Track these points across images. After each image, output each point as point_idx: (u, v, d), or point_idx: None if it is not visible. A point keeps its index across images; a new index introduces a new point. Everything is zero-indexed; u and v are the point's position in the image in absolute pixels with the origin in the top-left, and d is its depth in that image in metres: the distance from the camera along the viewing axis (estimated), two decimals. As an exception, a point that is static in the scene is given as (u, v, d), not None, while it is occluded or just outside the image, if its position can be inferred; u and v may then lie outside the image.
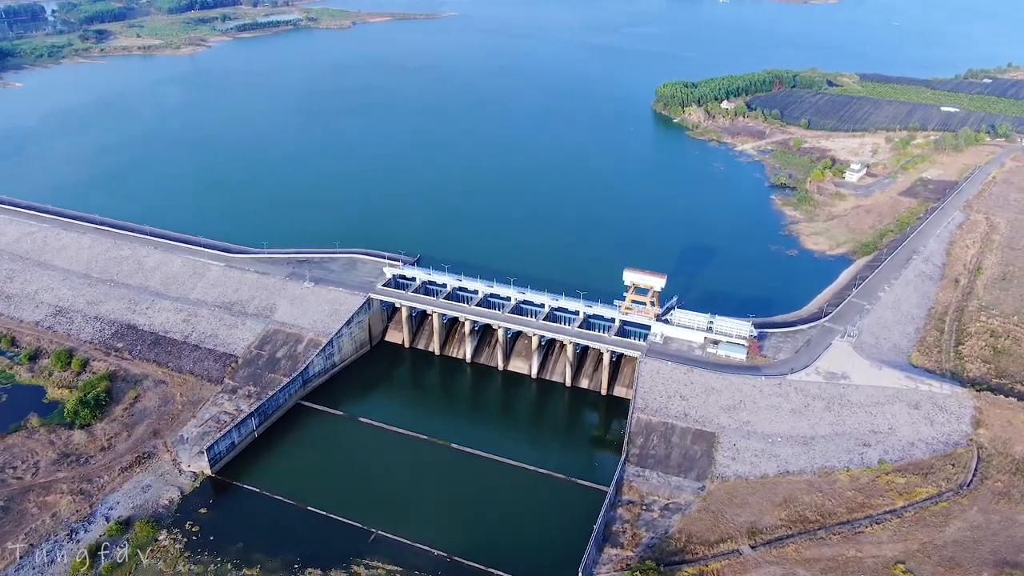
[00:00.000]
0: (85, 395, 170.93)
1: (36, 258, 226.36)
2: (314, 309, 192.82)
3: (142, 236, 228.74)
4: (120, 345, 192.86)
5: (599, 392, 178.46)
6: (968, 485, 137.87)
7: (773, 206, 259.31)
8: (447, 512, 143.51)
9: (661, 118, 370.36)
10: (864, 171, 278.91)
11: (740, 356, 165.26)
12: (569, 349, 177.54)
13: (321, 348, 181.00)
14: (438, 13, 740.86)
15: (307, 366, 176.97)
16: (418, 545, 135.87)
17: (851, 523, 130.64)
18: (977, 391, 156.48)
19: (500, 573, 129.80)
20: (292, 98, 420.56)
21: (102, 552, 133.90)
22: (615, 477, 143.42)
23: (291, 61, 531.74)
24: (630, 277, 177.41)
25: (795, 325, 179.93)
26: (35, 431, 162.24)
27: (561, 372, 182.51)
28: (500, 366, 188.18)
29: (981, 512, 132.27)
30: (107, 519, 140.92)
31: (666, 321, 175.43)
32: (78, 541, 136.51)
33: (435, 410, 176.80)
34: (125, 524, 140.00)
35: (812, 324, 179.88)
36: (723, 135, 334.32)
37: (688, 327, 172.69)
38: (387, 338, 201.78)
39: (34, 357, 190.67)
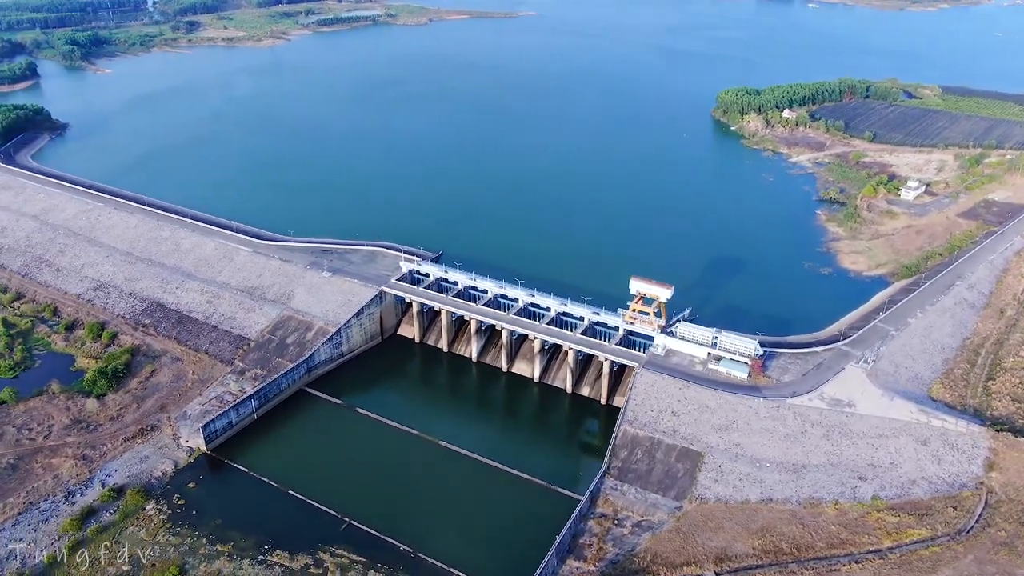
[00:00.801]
0: (106, 366, 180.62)
1: (87, 234, 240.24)
2: (328, 298, 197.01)
3: (182, 219, 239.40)
4: (147, 321, 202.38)
5: (599, 401, 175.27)
6: (968, 531, 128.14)
7: (816, 221, 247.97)
8: (420, 508, 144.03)
9: (719, 125, 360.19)
10: (922, 189, 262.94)
11: (741, 375, 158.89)
12: (571, 355, 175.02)
13: (328, 337, 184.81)
14: (516, 12, 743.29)
15: (312, 353, 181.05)
16: (386, 538, 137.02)
17: (828, 559, 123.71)
18: (997, 431, 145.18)
19: (459, 573, 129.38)
20: (351, 89, 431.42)
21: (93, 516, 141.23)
22: (590, 489, 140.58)
23: (360, 55, 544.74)
24: (636, 286, 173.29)
25: (809, 347, 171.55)
26: (55, 397, 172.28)
27: (563, 378, 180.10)
28: (504, 368, 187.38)
29: (976, 562, 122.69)
30: (103, 485, 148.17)
31: (670, 333, 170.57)
32: (73, 503, 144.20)
33: (431, 406, 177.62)
34: (118, 491, 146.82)
35: (828, 346, 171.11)
36: (779, 145, 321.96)
37: (692, 341, 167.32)
38: (399, 332, 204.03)
39: (71, 327, 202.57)
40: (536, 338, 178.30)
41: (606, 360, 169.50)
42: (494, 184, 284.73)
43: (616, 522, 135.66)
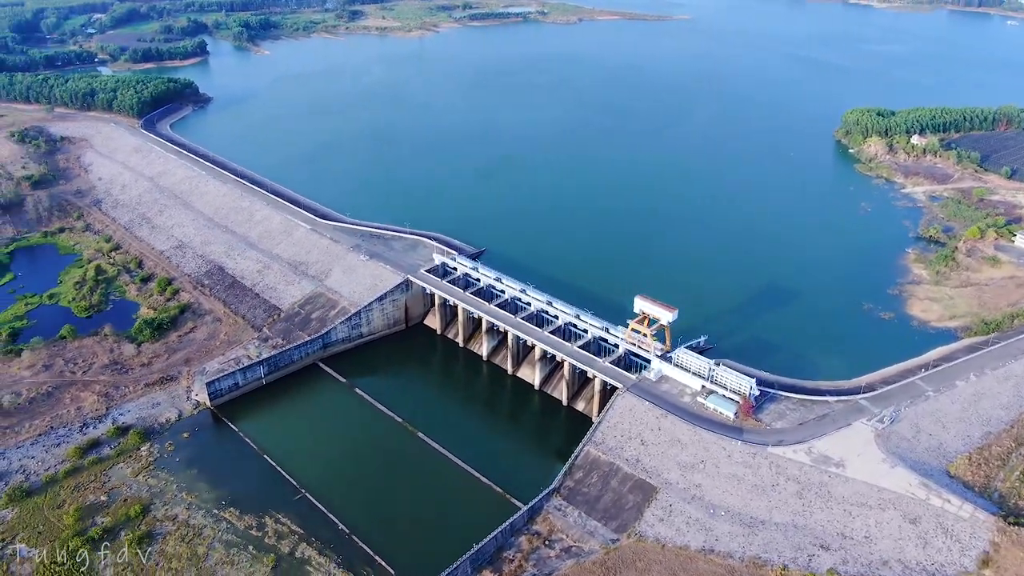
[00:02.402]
0: (154, 318, 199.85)
1: (185, 198, 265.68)
2: (358, 281, 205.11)
3: (263, 191, 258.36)
4: (207, 282, 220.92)
5: (592, 419, 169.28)
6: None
7: (901, 260, 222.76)
8: (374, 494, 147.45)
9: (839, 146, 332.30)
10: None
11: (728, 413, 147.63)
12: (567, 368, 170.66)
13: (348, 317, 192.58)
14: (669, 15, 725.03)
15: (329, 331, 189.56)
16: (331, 515, 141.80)
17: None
18: (1008, 522, 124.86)
19: (380, 560, 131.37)
20: (474, 80, 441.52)
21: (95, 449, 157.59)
22: (531, 504, 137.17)
23: (500, 50, 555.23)
24: (640, 305, 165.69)
25: (822, 394, 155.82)
26: (104, 339, 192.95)
27: (561, 390, 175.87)
28: (510, 371, 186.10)
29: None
30: (113, 422, 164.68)
31: (668, 359, 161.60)
32: (84, 434, 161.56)
33: (425, 398, 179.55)
34: (124, 431, 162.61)
35: (842, 397, 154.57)
36: (895, 173, 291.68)
37: (687, 370, 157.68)
38: (425, 322, 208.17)
39: (146, 280, 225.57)
40: (536, 346, 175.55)
41: (597, 377, 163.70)
42: (577, 187, 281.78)
43: (547, 542, 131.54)
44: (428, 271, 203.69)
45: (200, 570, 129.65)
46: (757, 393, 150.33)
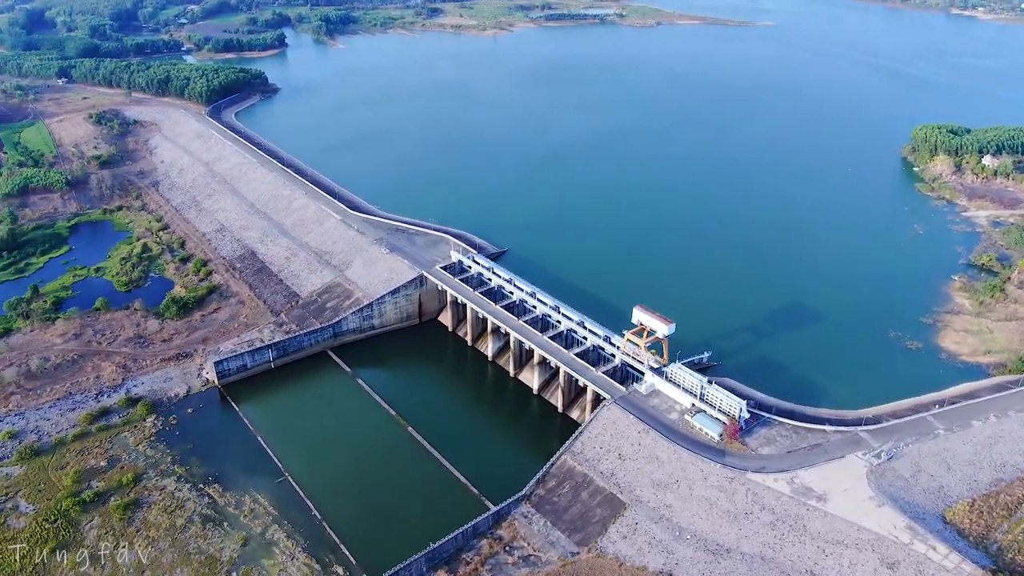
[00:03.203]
0: (182, 296, 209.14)
1: (233, 184, 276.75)
2: (375, 273, 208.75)
3: (303, 180, 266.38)
4: (238, 266, 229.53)
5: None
6: None
7: (944, 287, 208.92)
8: (353, 483, 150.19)
9: (904, 164, 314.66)
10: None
11: (712, 434, 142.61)
12: (562, 375, 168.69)
13: (360, 308, 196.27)
14: (751, 22, 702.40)
15: (340, 320, 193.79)
16: (306, 500, 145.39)
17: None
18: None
19: (344, 548, 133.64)
20: (535, 79, 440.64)
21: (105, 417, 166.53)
22: (498, 508, 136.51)
23: (570, 51, 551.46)
24: (639, 315, 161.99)
25: (821, 423, 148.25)
26: (134, 313, 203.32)
27: (557, 396, 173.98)
28: (512, 373, 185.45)
29: None
30: (127, 393, 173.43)
31: (662, 373, 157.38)
32: (98, 402, 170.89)
33: (424, 394, 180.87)
34: (134, 402, 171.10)
35: (842, 428, 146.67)
36: (959, 195, 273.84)
37: (678, 385, 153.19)
38: (439, 318, 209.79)
39: (185, 260, 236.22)
40: (534, 350, 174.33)
41: (589, 386, 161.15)
42: (616, 190, 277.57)
43: (507, 548, 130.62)
44: (444, 268, 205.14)
45: (174, 541, 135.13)
46: (747, 416, 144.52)
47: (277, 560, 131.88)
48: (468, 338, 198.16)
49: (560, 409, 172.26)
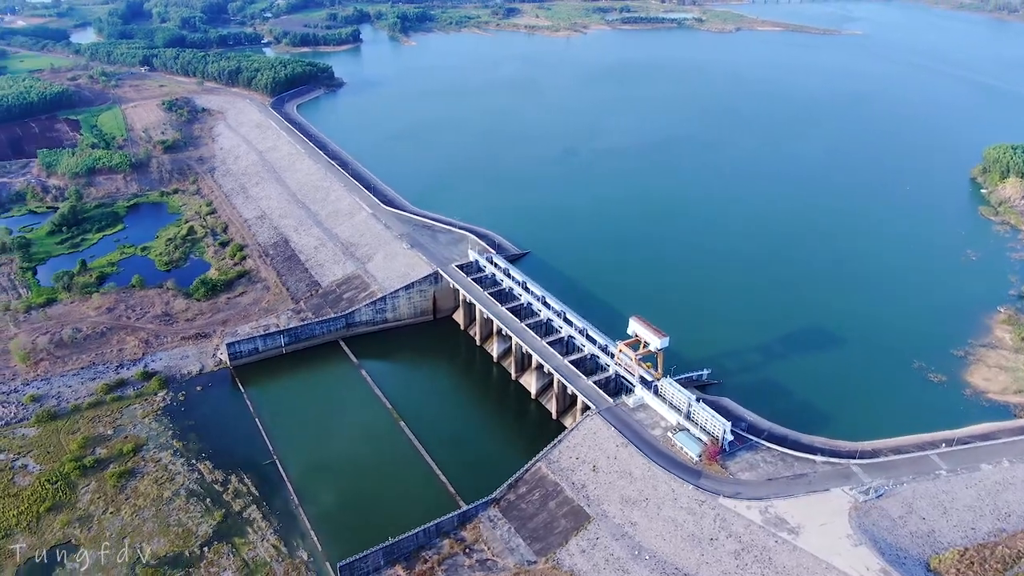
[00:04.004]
0: (213, 279, 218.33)
1: (280, 173, 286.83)
2: (393, 268, 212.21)
3: (344, 172, 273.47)
4: (271, 252, 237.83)
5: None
6: None
7: (986, 318, 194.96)
8: (336, 472, 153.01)
9: (972, 186, 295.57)
10: None
11: (691, 453, 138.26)
12: (556, 381, 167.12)
13: (373, 301, 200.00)
14: (837, 30, 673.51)
15: (353, 311, 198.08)
16: (287, 484, 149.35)
17: None
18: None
19: (314, 535, 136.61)
20: (598, 82, 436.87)
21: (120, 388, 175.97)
22: (464, 510, 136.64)
23: (642, 54, 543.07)
24: (634, 326, 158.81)
25: (811, 451, 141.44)
26: (165, 292, 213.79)
27: (552, 403, 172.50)
28: (513, 376, 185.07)
29: None
30: (144, 367, 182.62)
31: (653, 387, 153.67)
32: (117, 374, 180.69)
33: (424, 391, 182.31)
34: (149, 376, 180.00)
35: (832, 459, 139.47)
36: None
37: (666, 401, 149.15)
38: (454, 316, 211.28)
39: (225, 244, 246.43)
40: (532, 355, 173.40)
41: (579, 395, 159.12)
42: (654, 198, 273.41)
43: (467, 550, 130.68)
44: (459, 266, 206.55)
45: (158, 511, 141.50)
46: (731, 438, 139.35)
47: (248, 539, 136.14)
48: (477, 338, 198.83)
49: (554, 416, 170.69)
